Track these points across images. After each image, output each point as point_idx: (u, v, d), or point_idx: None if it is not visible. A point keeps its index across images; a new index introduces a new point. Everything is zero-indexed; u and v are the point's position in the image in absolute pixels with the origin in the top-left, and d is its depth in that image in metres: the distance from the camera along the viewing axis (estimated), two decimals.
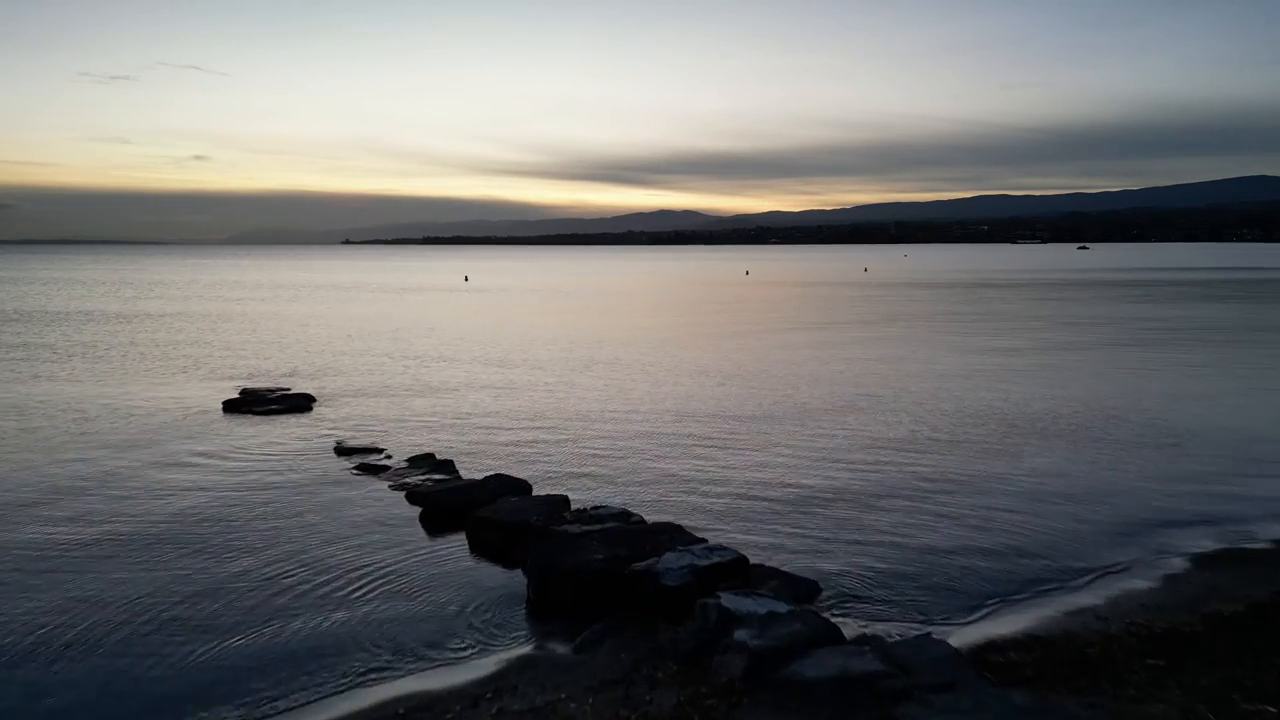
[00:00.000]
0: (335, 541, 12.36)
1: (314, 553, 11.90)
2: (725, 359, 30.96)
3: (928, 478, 15.28)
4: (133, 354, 32.96)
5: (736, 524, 12.88)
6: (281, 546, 12.14)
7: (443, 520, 13.24)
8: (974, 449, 17.34)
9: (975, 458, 16.68)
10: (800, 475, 15.51)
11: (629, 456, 17.03)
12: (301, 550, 11.99)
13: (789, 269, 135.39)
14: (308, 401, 22.69)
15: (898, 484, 14.93)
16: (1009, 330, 40.40)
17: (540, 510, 12.31)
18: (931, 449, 17.35)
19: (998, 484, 14.89)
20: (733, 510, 13.59)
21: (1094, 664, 8.17)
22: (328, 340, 37.75)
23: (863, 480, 15.17)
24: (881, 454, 16.96)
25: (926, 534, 12.41)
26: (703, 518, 13.12)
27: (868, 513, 13.34)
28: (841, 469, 15.92)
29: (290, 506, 14.07)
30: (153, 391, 24.71)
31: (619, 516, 11.74)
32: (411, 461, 16.47)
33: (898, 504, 13.78)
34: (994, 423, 19.69)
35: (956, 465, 16.11)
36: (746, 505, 13.83)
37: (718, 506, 13.80)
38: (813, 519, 13.10)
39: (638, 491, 14.61)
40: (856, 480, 15.17)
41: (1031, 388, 24.26)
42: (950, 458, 16.68)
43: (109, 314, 51.86)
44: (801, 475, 15.51)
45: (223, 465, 16.63)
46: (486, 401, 22.83)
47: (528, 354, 32.51)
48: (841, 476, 15.41)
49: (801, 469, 15.94)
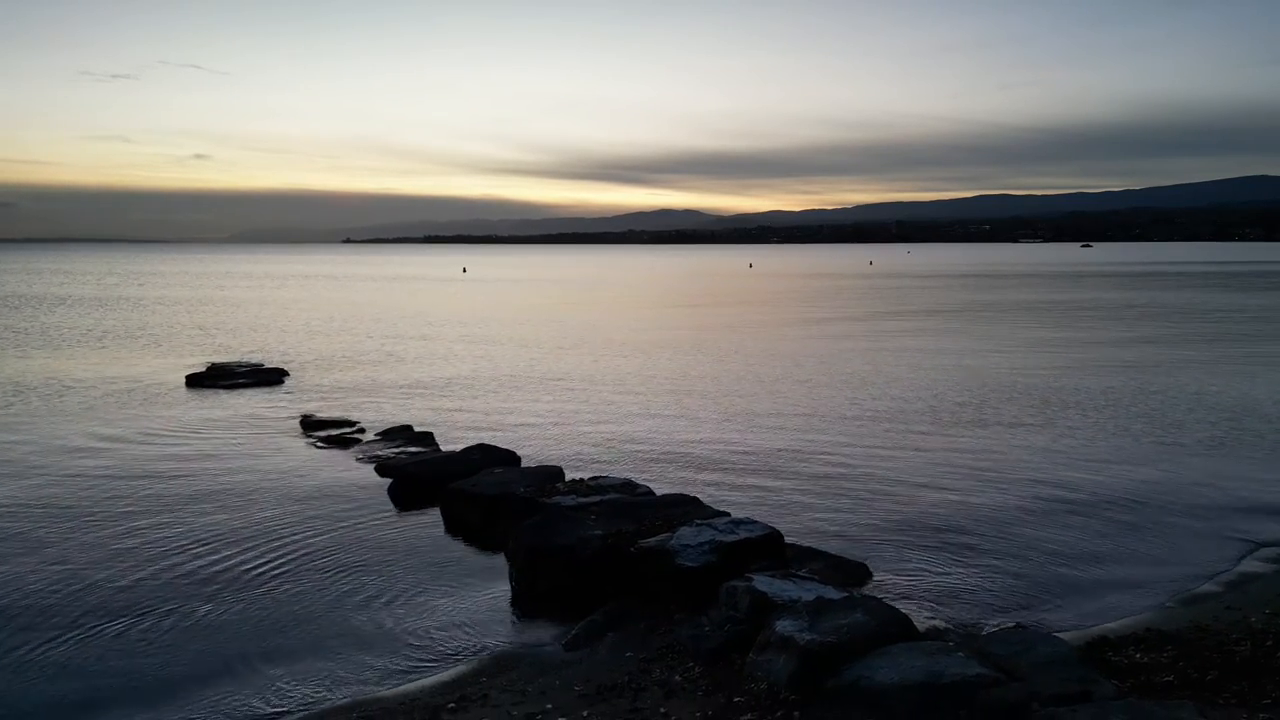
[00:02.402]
0: (283, 522, 10.36)
1: (256, 533, 9.91)
2: (736, 342, 28.99)
3: (984, 459, 13.14)
4: (101, 334, 30.99)
5: (761, 500, 10.90)
6: (221, 525, 10.17)
7: (415, 495, 11.26)
8: (1037, 429, 15.20)
9: (1039, 437, 14.64)
10: (839, 453, 13.42)
11: (634, 429, 15.06)
12: (243, 530, 10.01)
13: (793, 264, 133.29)
14: (279, 375, 20.73)
15: (952, 465, 12.78)
16: (1066, 322, 35.49)
17: (528, 482, 10.34)
18: (985, 430, 15.17)
19: (1070, 465, 12.86)
20: (757, 487, 11.57)
21: (1248, 664, 6.20)
22: (308, 321, 35.81)
23: (915, 460, 13.00)
24: (936, 435, 14.67)
25: (991, 518, 10.39)
26: (721, 493, 11.14)
27: (923, 494, 11.26)
28: (888, 448, 13.76)
29: (237, 482, 12.10)
30: (114, 367, 22.75)
31: (622, 488, 9.76)
32: (385, 434, 14.50)
33: (954, 485, 11.67)
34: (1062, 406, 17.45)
35: (1019, 445, 14.03)
36: (773, 482, 11.80)
37: (738, 481, 11.81)
38: (855, 499, 11.06)
39: (644, 465, 12.65)
40: (908, 461, 13.00)
41: (1122, 377, 22.25)
42: (1010, 438, 14.58)
43: (87, 298, 49.92)
44: (840, 453, 13.43)
45: (171, 439, 14.66)
46: (471, 375, 20.90)
47: (519, 334, 30.53)
48: (890, 456, 13.30)
49: (838, 446, 13.86)
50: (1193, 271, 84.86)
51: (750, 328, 32.67)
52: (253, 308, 43.98)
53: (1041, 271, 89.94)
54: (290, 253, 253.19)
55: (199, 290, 60.05)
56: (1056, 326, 32.64)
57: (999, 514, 10.35)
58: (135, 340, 28.97)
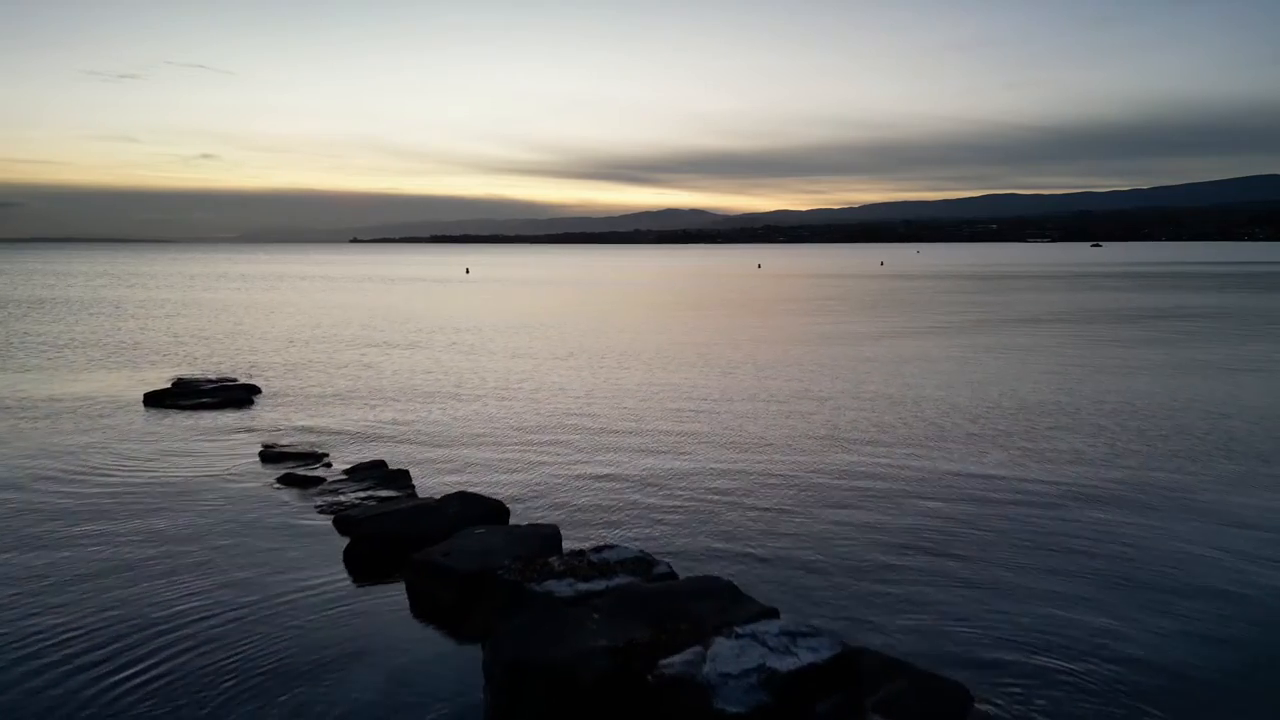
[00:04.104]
0: (207, 598, 8.22)
1: (163, 617, 7.77)
2: (762, 354, 26.76)
3: (1106, 530, 10.43)
4: (66, 342, 28.87)
5: (811, 584, 8.58)
6: (124, 606, 8.03)
7: (377, 561, 9.14)
8: (1161, 492, 12.13)
9: (1164, 500, 12.32)
10: (914, 513, 10.99)
11: (645, 469, 12.76)
12: (151, 613, 7.87)
13: (802, 264, 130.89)
14: (248, 394, 18.59)
15: (1061, 537, 9.96)
16: (1173, 336, 30.56)
17: (517, 549, 8.20)
18: (1103, 491, 11.53)
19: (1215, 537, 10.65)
20: (805, 564, 9.11)
21: None
22: (292, 327, 33.67)
23: (1027, 532, 10.00)
24: (1075, 503, 11.09)
25: (1123, 612, 8.20)
26: (759, 569, 8.88)
27: (1039, 580, 8.71)
28: (974, 516, 10.73)
29: (170, 530, 10.02)
30: (67, 382, 20.64)
31: (634, 565, 7.59)
32: (354, 472, 12.36)
33: (1082, 570, 9.17)
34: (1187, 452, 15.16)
35: (1137, 515, 11.24)
36: (825, 556, 9.33)
37: (781, 550, 9.44)
38: (940, 583, 8.75)
39: (661, 527, 10.28)
40: (999, 530, 10.14)
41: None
42: (1131, 504, 11.70)
43: (69, 300, 47.93)
44: (917, 513, 11.00)
45: (101, 475, 12.53)
46: (462, 401, 18.44)
47: (519, 345, 28.33)
48: (991, 526, 10.45)
49: (911, 501, 11.41)
50: (1219, 273, 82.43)
51: (781, 339, 30.39)
52: (238, 312, 41.86)
53: (1063, 272, 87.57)
54: (294, 253, 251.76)
55: (187, 292, 58.03)
56: (1164, 342, 30.22)
57: (1154, 620, 8.15)
58: (100, 349, 26.87)
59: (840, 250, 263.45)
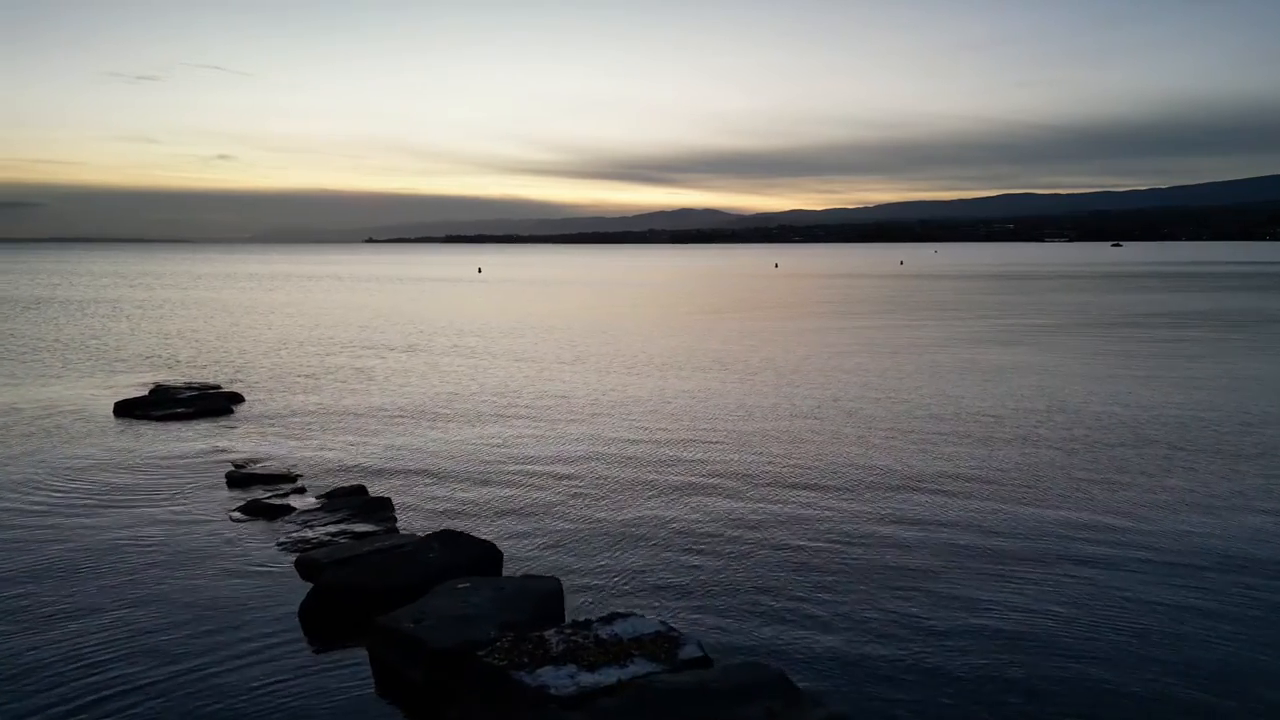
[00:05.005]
0: (129, 650, 6.67)
1: (72, 673, 6.16)
2: (786, 363, 25.01)
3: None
4: (50, 343, 27.47)
5: (882, 669, 6.67)
6: (40, 661, 6.42)
7: (339, 614, 7.49)
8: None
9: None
10: (978, 553, 9.29)
11: (670, 513, 10.50)
12: (56, 669, 6.26)
13: (820, 264, 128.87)
14: (228, 403, 17.00)
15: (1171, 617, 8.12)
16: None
17: (506, 614, 6.51)
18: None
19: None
20: (872, 638, 7.13)
21: None
22: (287, 330, 32.10)
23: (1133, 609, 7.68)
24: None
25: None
26: (814, 648, 6.88)
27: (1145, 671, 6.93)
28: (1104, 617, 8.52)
29: (101, 567, 8.51)
30: (37, 388, 19.15)
31: (654, 645, 5.86)
32: (329, 498, 10.71)
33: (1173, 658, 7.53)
34: None
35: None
36: (901, 630, 7.33)
37: (839, 625, 7.39)
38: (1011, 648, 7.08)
39: (685, 584, 8.23)
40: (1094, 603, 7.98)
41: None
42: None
43: (69, 301, 46.68)
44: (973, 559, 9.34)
45: (48, 492, 11.04)
46: (457, 414, 16.44)
47: (518, 346, 26.65)
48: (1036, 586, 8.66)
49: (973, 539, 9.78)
50: (1250, 273, 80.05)
51: (818, 346, 28.58)
52: (237, 313, 40.37)
53: (1087, 273, 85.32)
54: (307, 253, 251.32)
55: (189, 292, 56.73)
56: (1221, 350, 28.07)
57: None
58: (83, 351, 25.40)
59: (857, 250, 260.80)
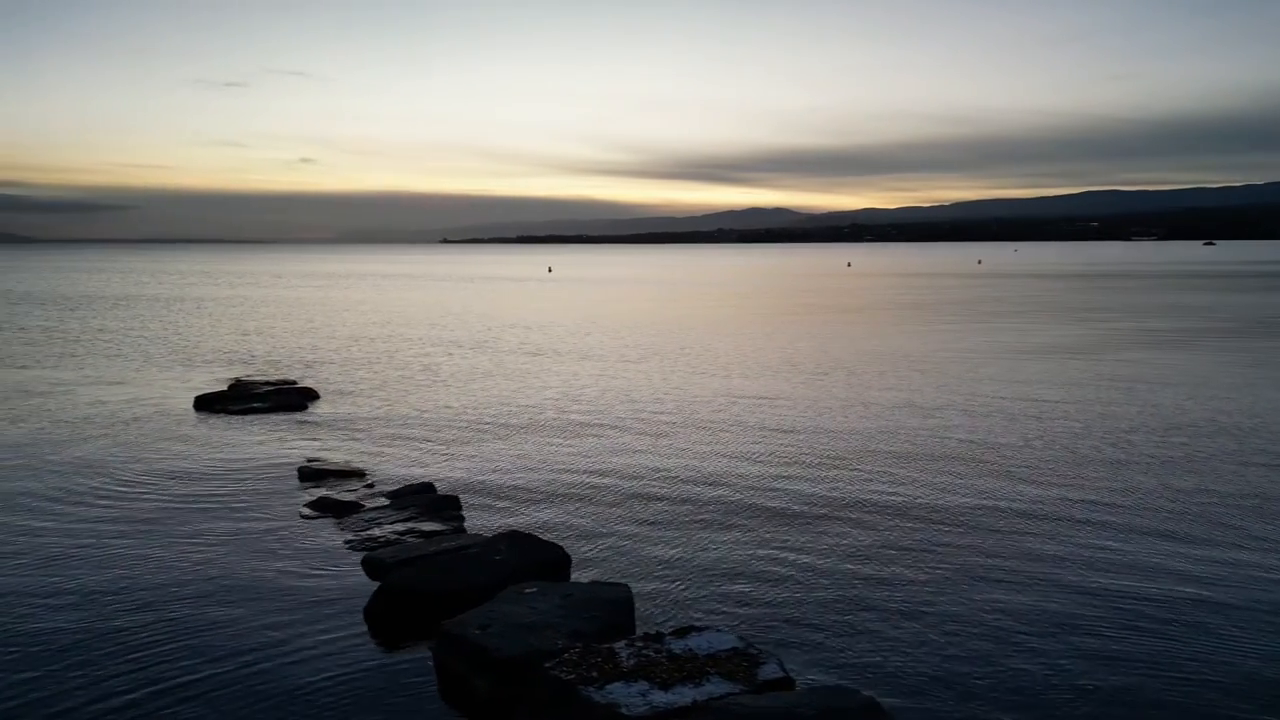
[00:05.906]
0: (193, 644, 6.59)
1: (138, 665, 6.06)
2: (876, 366, 24.33)
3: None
4: (134, 339, 28.25)
5: (980, 692, 6.16)
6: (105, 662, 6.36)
7: (405, 620, 7.27)
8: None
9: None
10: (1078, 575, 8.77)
11: (748, 520, 9.91)
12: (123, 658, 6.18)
13: (894, 263, 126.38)
14: (303, 399, 17.14)
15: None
16: None
17: (575, 623, 6.21)
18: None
19: None
20: (969, 661, 6.57)
21: None
22: (359, 326, 32.55)
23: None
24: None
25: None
26: (904, 673, 6.33)
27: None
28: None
29: (171, 561, 8.51)
30: (120, 382, 19.63)
31: (731, 662, 5.48)
32: (397, 496, 10.59)
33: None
34: None
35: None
36: (995, 646, 6.80)
37: (927, 649, 6.83)
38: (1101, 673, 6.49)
39: (764, 596, 7.72)
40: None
41: None
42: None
43: (157, 298, 48.19)
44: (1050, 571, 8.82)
45: (126, 485, 11.20)
46: (528, 414, 16.09)
47: (585, 344, 26.43)
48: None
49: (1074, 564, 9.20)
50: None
51: (914, 348, 27.83)
52: (311, 309, 41.17)
53: (1181, 271, 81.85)
54: (384, 252, 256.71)
55: (269, 290, 58.11)
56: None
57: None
58: (166, 347, 26.07)
59: (933, 249, 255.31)
